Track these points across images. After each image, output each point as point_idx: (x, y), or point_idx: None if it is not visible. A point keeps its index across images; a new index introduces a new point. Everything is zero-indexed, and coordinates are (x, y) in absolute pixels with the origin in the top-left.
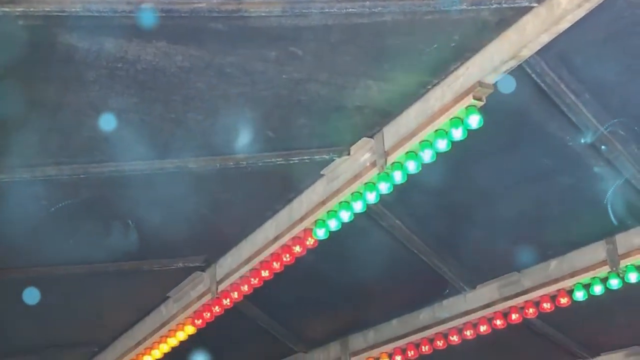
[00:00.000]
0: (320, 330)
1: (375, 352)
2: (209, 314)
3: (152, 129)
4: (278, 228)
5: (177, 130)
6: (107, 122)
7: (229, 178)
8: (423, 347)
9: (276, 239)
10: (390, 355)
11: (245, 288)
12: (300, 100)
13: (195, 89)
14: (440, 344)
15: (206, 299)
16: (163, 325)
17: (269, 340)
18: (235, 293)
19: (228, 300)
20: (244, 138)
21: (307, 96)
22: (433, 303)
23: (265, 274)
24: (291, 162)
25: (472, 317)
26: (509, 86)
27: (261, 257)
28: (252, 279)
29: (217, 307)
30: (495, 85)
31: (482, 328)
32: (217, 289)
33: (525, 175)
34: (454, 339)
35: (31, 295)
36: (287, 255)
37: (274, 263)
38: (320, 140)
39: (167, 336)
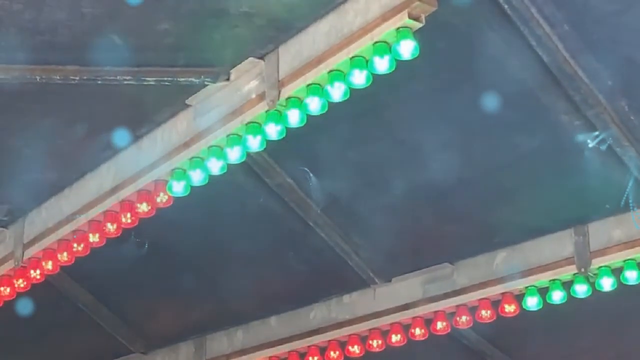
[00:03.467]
0: (168, 324)
1: None
2: (8, 289)
3: None
4: (118, 175)
5: None
6: None
7: (54, 97)
8: (311, 357)
9: (114, 190)
10: None
11: (64, 257)
12: None
13: None
14: (335, 355)
15: (7, 267)
16: None
17: (94, 332)
18: (49, 262)
19: (38, 271)
20: (78, 43)
21: None
22: (330, 298)
23: (94, 239)
24: (144, 83)
25: (382, 321)
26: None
27: (90, 214)
28: (75, 245)
29: (21, 280)
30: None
31: (395, 338)
32: (22, 254)
33: (469, 128)
34: (355, 349)
35: None
36: (128, 215)
37: (108, 225)
38: (189, 57)
39: None
